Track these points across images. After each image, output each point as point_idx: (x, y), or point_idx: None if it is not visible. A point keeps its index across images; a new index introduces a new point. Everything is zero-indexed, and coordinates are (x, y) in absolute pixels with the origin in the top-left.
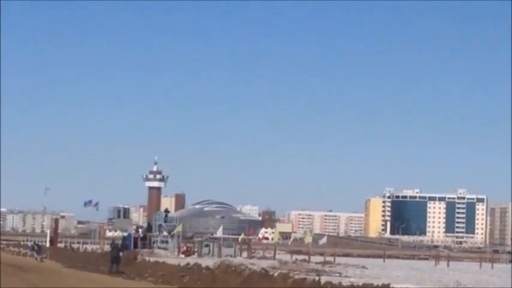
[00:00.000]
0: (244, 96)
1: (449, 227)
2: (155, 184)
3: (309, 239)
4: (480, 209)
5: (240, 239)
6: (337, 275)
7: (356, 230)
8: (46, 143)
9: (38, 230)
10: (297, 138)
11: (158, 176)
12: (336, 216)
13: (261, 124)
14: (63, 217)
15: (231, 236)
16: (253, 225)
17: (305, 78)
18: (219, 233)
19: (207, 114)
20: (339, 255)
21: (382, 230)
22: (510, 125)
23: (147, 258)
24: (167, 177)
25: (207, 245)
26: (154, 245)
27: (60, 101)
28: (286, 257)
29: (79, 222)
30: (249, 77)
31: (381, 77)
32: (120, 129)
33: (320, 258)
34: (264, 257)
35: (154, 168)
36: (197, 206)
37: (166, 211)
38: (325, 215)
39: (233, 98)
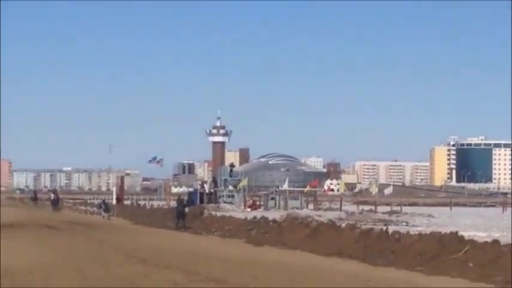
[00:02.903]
0: (306, 47)
1: None
2: (219, 139)
3: (374, 189)
4: None
5: (305, 191)
6: (404, 224)
7: (421, 179)
8: (109, 101)
9: (103, 188)
10: (360, 89)
11: (222, 131)
12: (400, 165)
13: (323, 75)
14: (128, 174)
15: (296, 189)
16: (319, 177)
17: (369, 32)
18: (285, 186)
19: (268, 67)
20: (405, 205)
21: (448, 178)
22: None
23: (213, 213)
24: (231, 131)
25: (272, 198)
26: (220, 199)
27: (122, 59)
28: (353, 208)
29: (144, 179)
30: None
31: (441, 25)
32: (183, 84)
33: (386, 208)
34: (330, 209)
35: (218, 123)
36: (262, 160)
37: (231, 165)
38: (390, 165)
39: (294, 47)
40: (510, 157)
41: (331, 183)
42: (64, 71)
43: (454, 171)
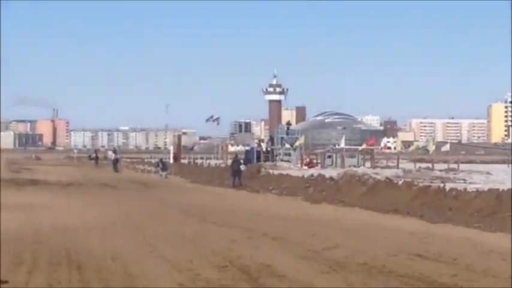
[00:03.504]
0: (361, 7)
1: None
2: (275, 97)
3: (431, 147)
4: None
5: (362, 149)
6: (462, 181)
7: (479, 137)
8: (166, 61)
9: (161, 147)
10: (415, 46)
11: (278, 89)
12: (457, 123)
13: (378, 34)
14: (185, 133)
15: (353, 147)
16: (375, 135)
17: None
18: (342, 144)
19: (325, 26)
20: (462, 162)
21: (505, 135)
22: None
23: (270, 171)
24: (287, 90)
25: (329, 156)
26: (277, 158)
27: (179, 20)
28: (410, 166)
29: (201, 138)
30: None
31: None
32: (240, 43)
33: (443, 166)
34: (387, 166)
35: (274, 82)
36: (318, 118)
37: (288, 124)
38: (447, 122)
39: (350, 7)
40: None
41: (388, 141)
42: (122, 30)
43: (511, 129)
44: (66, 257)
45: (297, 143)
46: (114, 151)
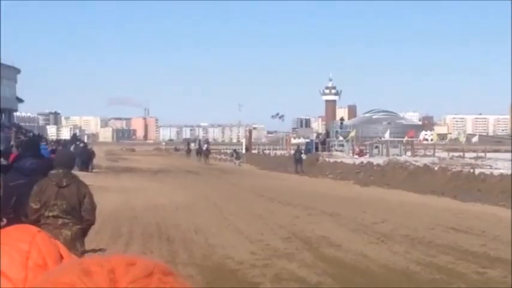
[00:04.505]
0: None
1: None
2: (331, 98)
3: (462, 139)
4: None
5: (404, 141)
6: (489, 167)
7: (503, 130)
8: (239, 66)
9: (234, 140)
10: (451, 51)
11: (333, 91)
12: (485, 118)
13: (419, 40)
14: (255, 128)
15: (396, 139)
16: (415, 129)
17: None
18: (387, 136)
19: (373, 32)
20: (489, 152)
21: None
22: None
23: (326, 159)
24: (341, 91)
25: (376, 147)
26: (332, 148)
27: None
28: (444, 155)
29: (268, 132)
30: None
31: None
32: (302, 51)
33: (473, 154)
34: (425, 155)
35: (330, 84)
36: (367, 115)
37: (341, 119)
38: (476, 118)
39: (393, 12)
40: None
41: (426, 134)
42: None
43: None
44: (157, 230)
45: (349, 136)
46: (207, 142)
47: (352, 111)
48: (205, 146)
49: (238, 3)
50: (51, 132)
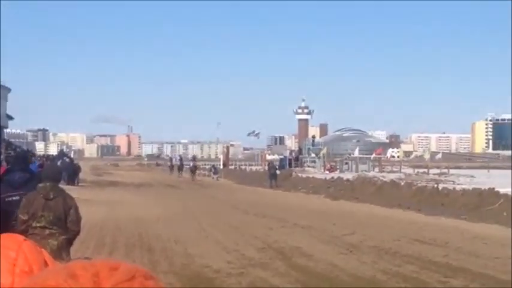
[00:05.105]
0: (370, 36)
1: None
2: (304, 117)
3: (427, 156)
4: None
5: (372, 158)
6: (451, 182)
7: (464, 148)
8: (217, 88)
9: (213, 156)
10: (416, 72)
11: (306, 110)
12: (448, 136)
13: (385, 63)
14: (232, 145)
15: (365, 156)
16: (382, 146)
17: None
18: (356, 153)
19: (345, 55)
20: (451, 168)
21: (486, 146)
22: None
23: (299, 174)
24: (313, 110)
25: (346, 163)
26: (305, 164)
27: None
28: (410, 171)
29: (244, 149)
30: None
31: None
32: (275, 72)
33: (437, 171)
34: (392, 171)
35: (303, 104)
36: (337, 133)
37: (313, 137)
38: (440, 136)
39: (362, 36)
40: None
41: (393, 151)
42: (180, 63)
43: (490, 142)
44: (139, 240)
45: (320, 153)
46: (194, 159)
47: (323, 129)
48: (192, 162)
49: (215, 24)
50: (40, 148)
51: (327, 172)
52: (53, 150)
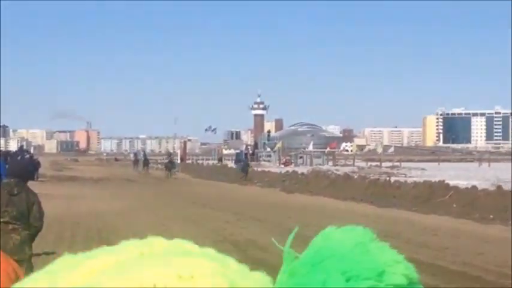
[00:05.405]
0: (323, 33)
1: (489, 136)
2: (259, 112)
3: (380, 150)
4: None
5: (326, 152)
6: (403, 175)
7: (416, 141)
8: (175, 80)
9: (170, 151)
10: (369, 68)
11: (261, 106)
12: (400, 131)
13: (338, 58)
14: (189, 140)
15: (319, 150)
16: (336, 141)
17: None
18: (310, 148)
19: (299, 52)
20: (403, 161)
21: (437, 140)
22: None
23: (255, 168)
24: (268, 106)
25: (301, 157)
26: (261, 158)
27: (181, 43)
28: (363, 164)
29: (202, 144)
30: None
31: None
32: (231, 68)
33: (389, 164)
34: (345, 165)
35: (258, 100)
36: (292, 128)
37: (269, 132)
38: (392, 130)
39: (315, 34)
40: (485, 124)
41: (346, 145)
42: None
43: (441, 135)
44: (98, 234)
45: (276, 147)
46: (170, 155)
47: (279, 124)
48: (168, 159)
49: (172, 19)
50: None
51: (282, 166)
52: (13, 147)
